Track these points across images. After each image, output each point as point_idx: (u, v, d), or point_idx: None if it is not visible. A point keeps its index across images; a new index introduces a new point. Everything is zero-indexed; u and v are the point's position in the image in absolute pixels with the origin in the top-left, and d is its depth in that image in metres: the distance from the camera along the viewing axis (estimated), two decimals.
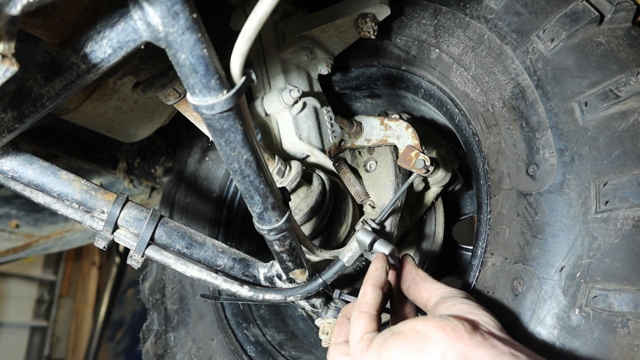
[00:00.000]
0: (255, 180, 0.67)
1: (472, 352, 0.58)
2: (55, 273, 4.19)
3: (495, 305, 0.82)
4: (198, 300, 1.32)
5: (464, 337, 0.59)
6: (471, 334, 0.59)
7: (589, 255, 0.74)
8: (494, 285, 0.84)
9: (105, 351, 3.68)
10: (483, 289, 0.86)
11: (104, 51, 0.58)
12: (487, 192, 0.94)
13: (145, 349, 1.36)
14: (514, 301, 0.80)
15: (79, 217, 0.84)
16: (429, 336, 0.61)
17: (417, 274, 0.79)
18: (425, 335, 0.61)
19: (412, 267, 0.81)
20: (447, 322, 0.61)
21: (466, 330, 0.60)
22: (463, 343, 0.59)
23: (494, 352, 0.57)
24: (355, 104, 1.39)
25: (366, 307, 0.72)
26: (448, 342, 0.59)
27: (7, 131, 0.70)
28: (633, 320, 0.70)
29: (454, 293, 0.72)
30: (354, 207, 1.12)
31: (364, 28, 1.07)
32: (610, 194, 0.75)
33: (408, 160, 0.95)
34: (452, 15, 1.01)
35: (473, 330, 0.60)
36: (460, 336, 0.59)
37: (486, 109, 0.94)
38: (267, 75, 1.19)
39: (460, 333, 0.59)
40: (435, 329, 0.61)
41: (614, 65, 0.80)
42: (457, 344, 0.59)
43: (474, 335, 0.59)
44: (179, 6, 0.48)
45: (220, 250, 0.89)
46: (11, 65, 0.46)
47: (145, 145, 2.00)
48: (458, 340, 0.59)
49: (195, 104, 0.55)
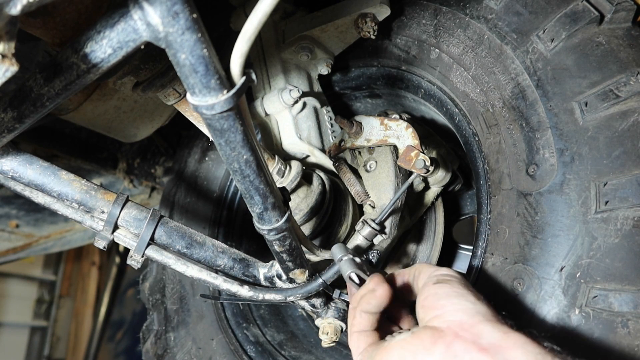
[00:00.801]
0: (255, 180, 0.67)
1: None
2: (55, 273, 4.19)
3: (495, 305, 0.82)
4: (198, 300, 1.32)
5: (425, 358, 0.59)
6: (430, 350, 0.59)
7: (589, 255, 0.74)
8: (494, 286, 0.84)
9: (105, 351, 3.68)
10: (483, 289, 0.86)
11: (104, 51, 0.58)
12: (487, 192, 0.94)
13: (145, 349, 1.36)
14: (514, 301, 0.80)
15: (79, 217, 0.84)
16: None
17: (415, 269, 0.78)
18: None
19: (407, 270, 0.80)
20: (407, 345, 0.62)
21: (425, 349, 0.60)
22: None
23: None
24: (355, 104, 1.39)
25: (353, 328, 0.74)
26: None
27: (7, 131, 0.70)
28: (633, 320, 0.70)
29: (429, 278, 0.71)
30: (354, 207, 1.12)
31: (364, 28, 1.07)
32: (610, 194, 0.75)
33: (408, 160, 0.95)
34: (452, 15, 1.01)
35: (433, 344, 0.60)
36: (421, 358, 0.59)
37: (486, 109, 0.94)
38: (267, 75, 1.19)
39: (420, 356, 0.60)
40: (396, 356, 0.62)
41: (614, 65, 0.80)
42: None
43: (433, 349, 0.59)
44: (179, 6, 0.48)
45: (220, 250, 0.89)
46: (11, 65, 0.46)
47: (145, 145, 2.00)
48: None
49: (195, 104, 0.55)
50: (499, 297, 0.82)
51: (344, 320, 0.99)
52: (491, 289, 0.85)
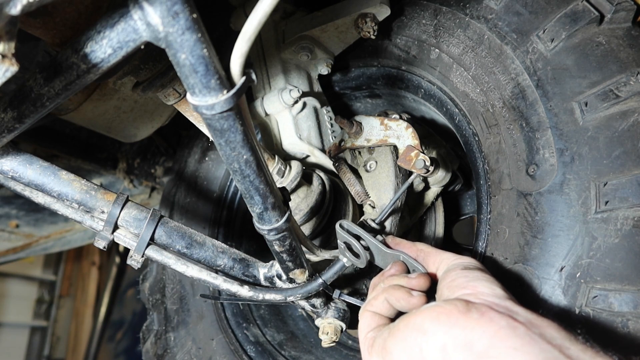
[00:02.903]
0: (255, 180, 0.67)
1: (470, 335, 0.55)
2: (55, 273, 4.19)
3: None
4: (198, 300, 1.32)
5: (459, 321, 0.57)
6: (466, 314, 0.57)
7: (589, 255, 0.74)
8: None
9: (105, 351, 3.68)
10: None
11: (104, 51, 0.58)
12: (487, 192, 0.94)
13: (145, 349, 1.36)
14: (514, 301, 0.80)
15: (79, 217, 0.84)
16: (424, 330, 0.59)
17: (419, 250, 0.78)
18: (420, 329, 0.59)
19: (409, 245, 0.80)
20: (440, 309, 0.59)
21: (460, 312, 0.57)
22: (459, 328, 0.56)
23: (491, 328, 0.55)
24: (355, 104, 1.39)
25: (369, 307, 0.73)
26: (444, 331, 0.57)
27: (7, 131, 0.69)
28: (633, 320, 0.70)
29: (455, 263, 0.70)
30: (354, 207, 1.12)
31: (364, 28, 1.07)
32: (610, 194, 0.75)
33: (408, 160, 0.95)
34: (452, 15, 1.01)
35: (467, 310, 0.57)
36: (456, 321, 0.57)
37: (486, 109, 0.94)
38: (267, 75, 1.19)
39: (454, 318, 0.57)
40: (428, 320, 0.59)
41: (614, 65, 0.80)
42: (454, 331, 0.56)
43: (469, 314, 0.57)
44: (179, 6, 0.48)
45: (220, 250, 0.89)
46: (11, 65, 0.46)
47: (145, 145, 2.00)
48: (454, 326, 0.56)
49: (195, 104, 0.55)
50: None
51: (344, 320, 0.99)
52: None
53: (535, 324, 0.56)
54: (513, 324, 0.55)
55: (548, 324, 0.56)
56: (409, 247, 0.80)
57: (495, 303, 0.60)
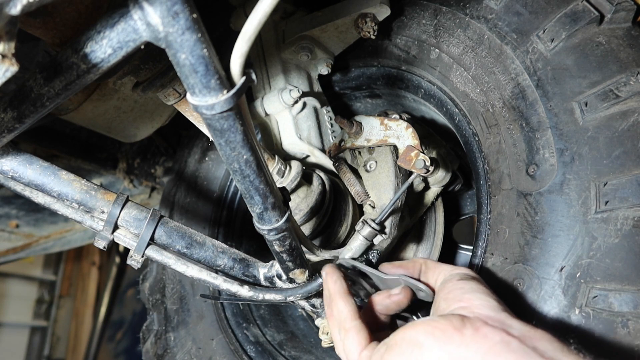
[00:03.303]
0: (255, 180, 0.67)
1: (464, 352, 0.57)
2: (55, 273, 4.19)
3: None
4: (198, 300, 1.32)
5: (454, 337, 0.58)
6: (460, 330, 0.59)
7: (589, 255, 0.74)
8: (494, 286, 0.84)
9: (105, 351, 3.68)
10: None
11: (104, 51, 0.58)
12: (487, 192, 0.94)
13: (145, 349, 1.36)
14: (514, 301, 0.80)
15: (79, 217, 0.84)
16: (419, 344, 0.60)
17: (419, 264, 0.80)
18: (416, 343, 0.61)
19: (410, 265, 0.82)
20: (435, 324, 0.61)
21: (455, 329, 0.59)
22: (454, 345, 0.58)
23: (485, 345, 0.57)
24: (355, 104, 1.39)
25: (348, 323, 0.73)
26: (439, 346, 0.59)
27: (7, 131, 0.69)
28: (633, 320, 0.70)
29: (451, 275, 0.73)
30: (354, 207, 1.12)
31: (364, 28, 1.07)
32: (610, 194, 0.75)
33: (408, 160, 0.95)
34: (452, 15, 1.01)
35: (462, 326, 0.59)
36: (450, 338, 0.59)
37: (486, 109, 0.94)
38: (267, 75, 1.19)
39: (449, 334, 0.59)
40: (423, 334, 0.61)
41: (614, 65, 0.80)
42: (449, 347, 0.58)
43: (463, 331, 0.59)
44: (179, 6, 0.48)
45: (220, 250, 0.89)
46: (11, 65, 0.46)
47: (145, 145, 2.00)
48: (449, 343, 0.58)
49: (195, 104, 0.55)
50: (499, 297, 0.82)
51: None
52: (491, 289, 0.84)
53: (528, 337, 0.57)
54: (507, 338, 0.57)
55: (541, 335, 0.58)
56: (410, 266, 0.82)
57: (489, 317, 0.61)
